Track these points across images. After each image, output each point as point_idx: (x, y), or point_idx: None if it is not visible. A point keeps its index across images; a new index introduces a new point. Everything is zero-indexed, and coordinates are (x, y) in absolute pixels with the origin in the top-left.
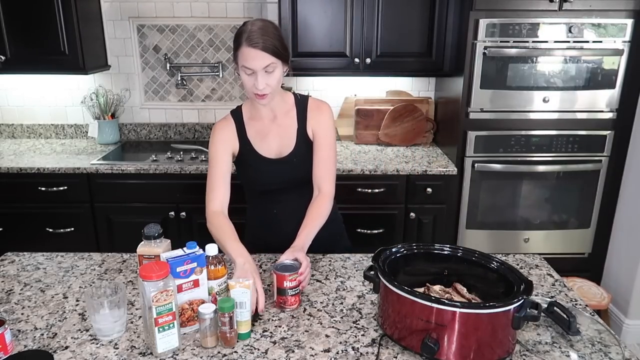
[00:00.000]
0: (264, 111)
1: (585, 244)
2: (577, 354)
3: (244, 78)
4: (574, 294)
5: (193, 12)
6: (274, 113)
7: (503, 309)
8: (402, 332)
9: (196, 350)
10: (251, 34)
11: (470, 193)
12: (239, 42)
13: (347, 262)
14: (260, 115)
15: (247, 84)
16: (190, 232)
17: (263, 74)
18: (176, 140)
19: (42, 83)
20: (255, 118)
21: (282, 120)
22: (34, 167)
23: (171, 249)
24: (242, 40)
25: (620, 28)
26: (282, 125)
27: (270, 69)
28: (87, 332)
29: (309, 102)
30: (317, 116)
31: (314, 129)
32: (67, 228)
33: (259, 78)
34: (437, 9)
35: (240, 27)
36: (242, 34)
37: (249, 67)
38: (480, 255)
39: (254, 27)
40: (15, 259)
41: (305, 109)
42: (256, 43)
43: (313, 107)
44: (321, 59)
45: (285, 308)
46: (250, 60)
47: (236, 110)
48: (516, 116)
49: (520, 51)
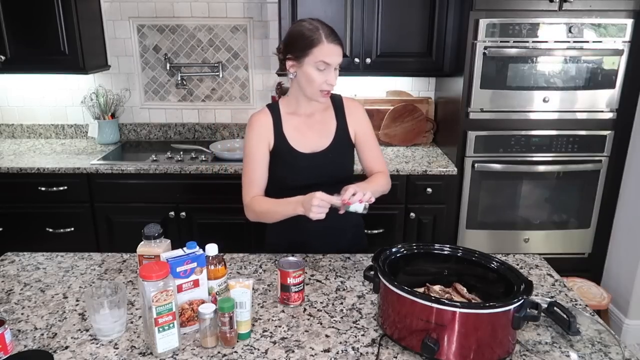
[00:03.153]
0: (305, 108)
1: (585, 244)
2: (577, 354)
3: (315, 74)
4: (574, 294)
5: (193, 12)
6: (313, 110)
7: (503, 309)
8: (402, 332)
9: (196, 350)
10: (330, 31)
11: (470, 193)
12: (315, 39)
13: (347, 262)
14: (300, 112)
15: (317, 80)
16: (190, 232)
17: (333, 70)
18: (176, 140)
19: (42, 83)
20: (295, 114)
21: (320, 117)
22: (34, 167)
23: (171, 249)
24: (321, 37)
25: (620, 28)
26: (321, 122)
27: (338, 66)
28: (87, 332)
29: (344, 101)
30: (355, 114)
31: (355, 127)
32: (67, 228)
33: (333, 74)
34: (437, 9)
35: (302, 25)
36: (317, 30)
37: (328, 63)
38: (480, 255)
39: (324, 24)
40: (15, 259)
41: (342, 107)
42: (337, 40)
43: (350, 106)
44: None
45: (289, 304)
46: (332, 55)
47: (273, 104)
48: (516, 116)
49: (520, 51)
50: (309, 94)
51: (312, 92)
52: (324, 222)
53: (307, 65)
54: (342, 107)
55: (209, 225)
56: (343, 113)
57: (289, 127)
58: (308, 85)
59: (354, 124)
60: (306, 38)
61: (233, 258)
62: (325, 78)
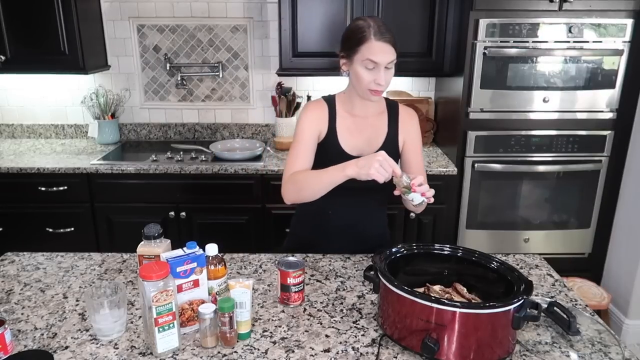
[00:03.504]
0: (359, 109)
1: (585, 244)
2: (577, 354)
3: (363, 73)
4: (574, 294)
5: (193, 12)
6: (367, 113)
7: (503, 309)
8: (402, 332)
9: (196, 350)
10: (380, 27)
11: (470, 193)
12: (363, 36)
13: (347, 262)
14: (354, 111)
15: (365, 79)
16: (190, 232)
17: (384, 69)
18: (176, 140)
19: (42, 83)
20: (349, 113)
21: (373, 121)
22: (34, 167)
23: (171, 249)
24: (370, 34)
25: (620, 28)
26: (373, 126)
27: (390, 65)
28: (87, 332)
29: (400, 110)
30: (409, 124)
31: (405, 136)
32: (67, 228)
33: (382, 73)
34: (437, 9)
35: (355, 23)
36: (366, 27)
37: (375, 61)
38: (480, 255)
39: (378, 22)
40: (15, 259)
41: (397, 116)
42: (387, 37)
43: (405, 115)
44: (321, 59)
45: (288, 304)
46: (380, 53)
47: (330, 98)
48: (516, 116)
49: (520, 51)
50: (359, 92)
51: (361, 90)
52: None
53: (356, 64)
54: (397, 115)
55: (209, 225)
56: (396, 121)
57: (341, 125)
58: (357, 84)
59: (405, 133)
60: (355, 35)
61: (233, 258)
62: (374, 77)
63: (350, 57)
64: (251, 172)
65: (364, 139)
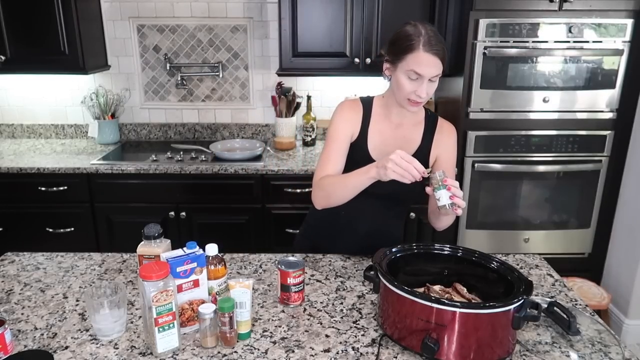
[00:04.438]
0: (395, 115)
1: (585, 244)
2: (577, 354)
3: (405, 82)
4: (574, 294)
5: (193, 12)
6: (403, 121)
7: (503, 309)
8: (402, 332)
9: (196, 350)
10: (430, 38)
11: (470, 193)
12: (411, 45)
13: (347, 262)
14: (390, 117)
15: (406, 89)
16: (190, 232)
17: (427, 81)
18: (176, 140)
19: (42, 83)
20: (384, 117)
21: (407, 131)
22: (34, 167)
23: (171, 249)
24: (419, 43)
25: (620, 28)
26: (406, 136)
27: (435, 78)
28: (87, 332)
29: (438, 123)
30: (445, 139)
31: (439, 151)
32: (67, 228)
33: (425, 85)
34: (437, 9)
35: (405, 29)
36: (415, 36)
37: (420, 73)
38: (480, 255)
39: (429, 31)
40: (15, 259)
41: (434, 129)
42: (437, 50)
43: (443, 129)
44: (321, 59)
45: (288, 304)
46: (426, 66)
47: (367, 99)
48: (516, 116)
49: (520, 51)
50: (398, 99)
51: (400, 98)
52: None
53: (400, 71)
54: (434, 128)
55: (209, 225)
56: (432, 134)
57: (374, 129)
58: (398, 91)
59: (439, 148)
60: (403, 42)
61: (233, 258)
62: (415, 88)
63: (395, 63)
64: (251, 172)
65: (393, 147)
